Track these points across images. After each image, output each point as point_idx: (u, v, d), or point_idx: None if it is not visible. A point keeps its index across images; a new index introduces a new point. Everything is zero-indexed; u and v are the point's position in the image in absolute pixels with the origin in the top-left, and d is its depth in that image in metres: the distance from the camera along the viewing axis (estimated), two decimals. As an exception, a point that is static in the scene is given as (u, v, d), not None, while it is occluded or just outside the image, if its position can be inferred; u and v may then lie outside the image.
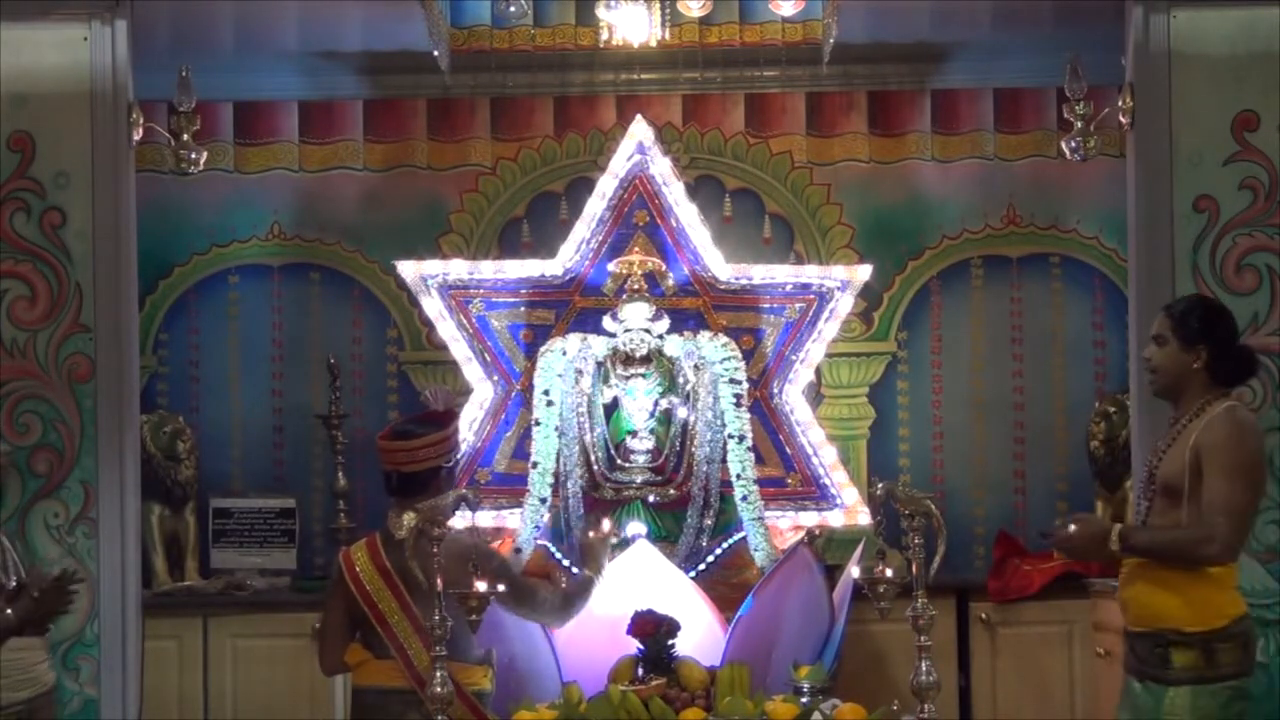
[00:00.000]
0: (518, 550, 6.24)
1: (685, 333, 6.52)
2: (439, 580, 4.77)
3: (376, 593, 5.12)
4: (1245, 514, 4.57)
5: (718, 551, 6.36)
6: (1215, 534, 4.51)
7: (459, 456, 5.48)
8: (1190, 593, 4.56)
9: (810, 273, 6.80)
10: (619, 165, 6.69)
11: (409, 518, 5.06)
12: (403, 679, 5.05)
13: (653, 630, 5.75)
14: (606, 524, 5.97)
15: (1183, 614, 4.55)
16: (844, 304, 6.71)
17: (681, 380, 6.49)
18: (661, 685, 5.62)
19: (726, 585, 6.23)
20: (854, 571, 5.29)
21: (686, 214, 6.68)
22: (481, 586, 4.82)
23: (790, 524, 6.55)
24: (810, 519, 6.58)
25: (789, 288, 6.71)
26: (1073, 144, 6.14)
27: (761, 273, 6.73)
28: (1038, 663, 6.58)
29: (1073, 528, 4.72)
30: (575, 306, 6.69)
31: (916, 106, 7.24)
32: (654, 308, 6.51)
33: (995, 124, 7.23)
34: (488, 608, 4.88)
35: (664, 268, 6.63)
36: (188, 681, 6.59)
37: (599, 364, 6.50)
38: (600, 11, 6.55)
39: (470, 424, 6.64)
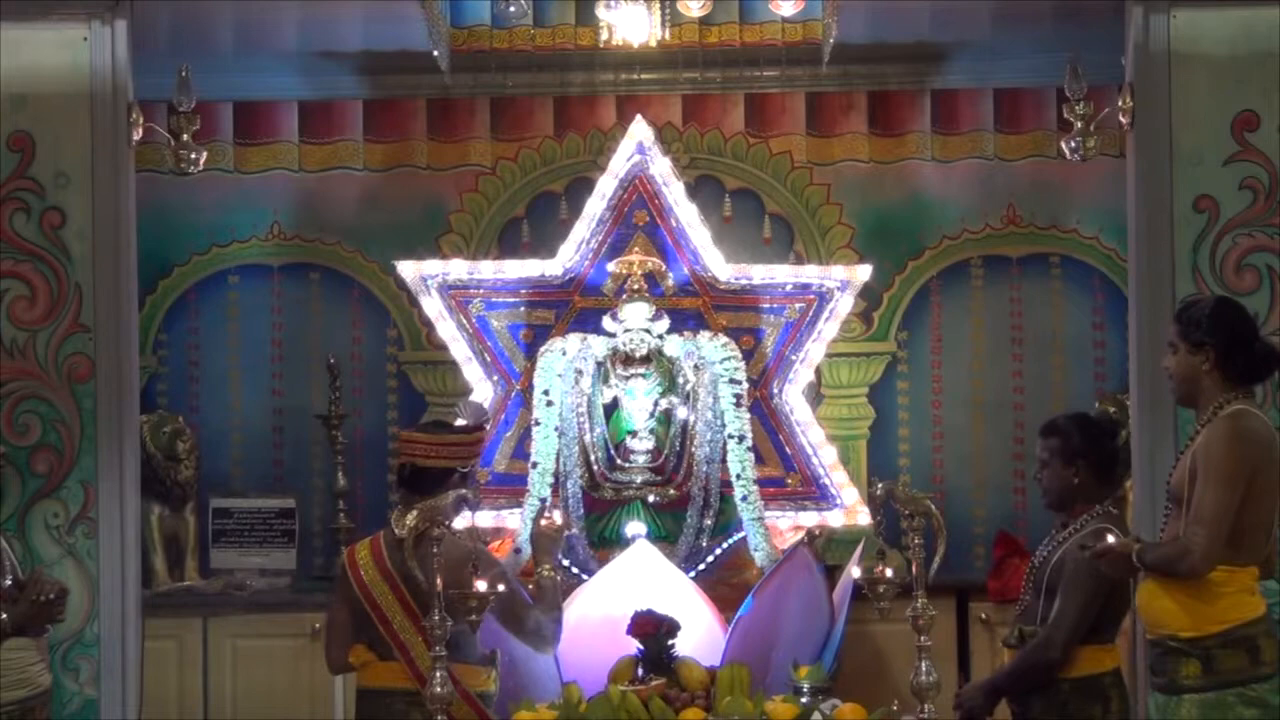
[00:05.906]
0: (517, 551, 6.23)
1: (685, 333, 6.52)
2: (439, 581, 4.77)
3: (379, 593, 5.12)
4: (1225, 523, 4.40)
5: (718, 552, 6.36)
6: (1191, 548, 4.41)
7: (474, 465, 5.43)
8: (1184, 598, 4.47)
9: (810, 273, 6.80)
10: (619, 165, 6.69)
11: (411, 517, 5.06)
12: (406, 680, 5.05)
13: (653, 630, 5.74)
14: (559, 515, 5.62)
15: (1179, 620, 4.47)
16: (844, 304, 6.71)
17: (681, 380, 6.49)
18: (661, 685, 5.61)
19: (726, 585, 6.23)
20: (854, 571, 5.29)
21: (686, 214, 6.67)
22: (482, 586, 4.81)
23: (790, 524, 6.55)
24: (810, 519, 6.57)
25: (789, 288, 6.71)
26: (1073, 144, 6.12)
27: (761, 273, 6.73)
28: (1037, 663, 6.56)
29: (1110, 539, 4.65)
30: (575, 306, 6.68)
31: (916, 106, 7.24)
32: (654, 308, 6.50)
33: (995, 124, 7.24)
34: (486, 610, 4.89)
35: (664, 268, 6.63)
36: (187, 681, 6.59)
37: (599, 364, 6.50)
38: (600, 11, 6.56)
39: (470, 424, 6.65)
